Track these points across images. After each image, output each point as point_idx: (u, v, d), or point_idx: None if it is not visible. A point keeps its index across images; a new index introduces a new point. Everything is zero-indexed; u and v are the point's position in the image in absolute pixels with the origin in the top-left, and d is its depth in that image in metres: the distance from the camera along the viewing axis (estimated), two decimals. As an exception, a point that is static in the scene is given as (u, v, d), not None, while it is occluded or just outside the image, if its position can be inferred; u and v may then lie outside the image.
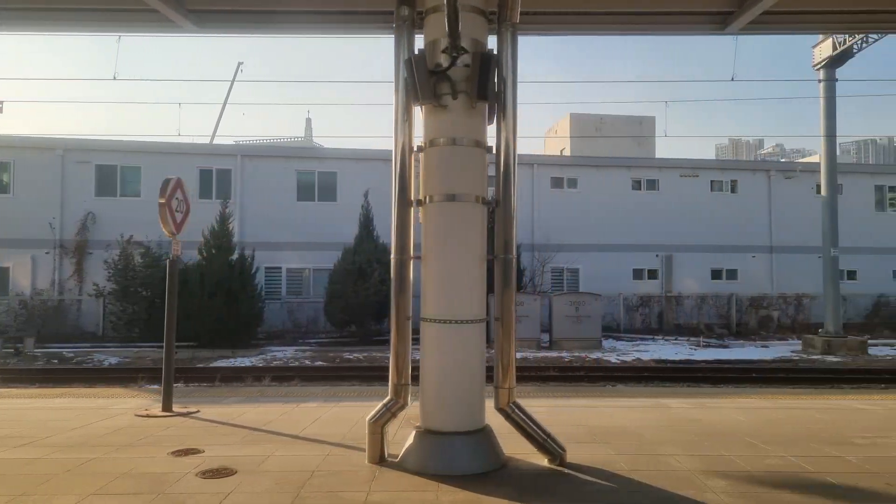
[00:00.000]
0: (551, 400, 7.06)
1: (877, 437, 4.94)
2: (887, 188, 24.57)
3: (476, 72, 3.87)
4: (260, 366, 14.61)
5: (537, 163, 22.72)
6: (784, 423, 5.55)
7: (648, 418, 5.74)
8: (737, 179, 23.75)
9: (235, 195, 20.72)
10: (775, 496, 3.53)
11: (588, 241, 22.43)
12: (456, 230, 4.09)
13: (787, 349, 18.55)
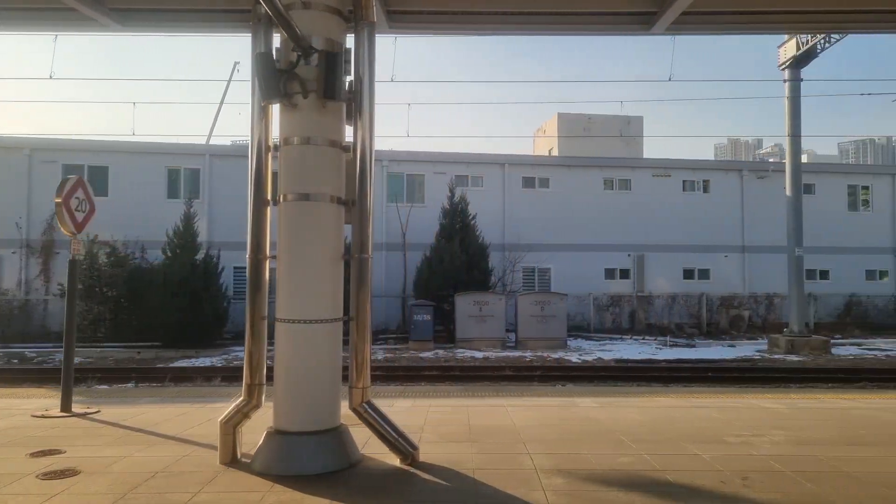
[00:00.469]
0: (463, 400, 7.04)
1: (753, 436, 4.93)
2: (860, 188, 24.62)
3: (323, 71, 3.85)
4: (218, 366, 14.57)
5: (508, 162, 22.70)
6: (675, 421, 5.54)
7: (542, 417, 5.73)
8: (709, 179, 23.76)
9: (204, 195, 20.67)
10: (601, 494, 3.52)
11: (560, 240, 22.42)
12: (309, 230, 4.08)
13: (752, 349, 18.58)
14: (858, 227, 24.14)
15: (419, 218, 21.06)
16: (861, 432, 5.15)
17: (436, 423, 5.48)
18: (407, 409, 6.40)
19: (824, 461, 4.21)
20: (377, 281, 20.89)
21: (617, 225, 22.83)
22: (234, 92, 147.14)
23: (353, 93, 4.18)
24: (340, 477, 3.83)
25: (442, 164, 22.24)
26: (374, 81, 4.27)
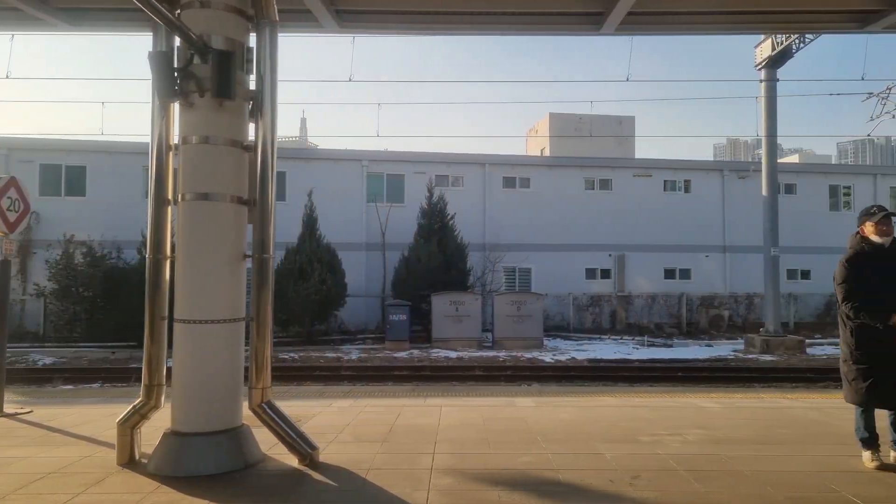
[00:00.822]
0: (405, 400, 7.02)
1: (669, 435, 4.93)
2: (841, 188, 24.66)
3: (216, 70, 3.85)
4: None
5: (489, 162, 22.70)
6: (601, 421, 5.53)
7: (472, 417, 5.72)
8: (690, 179, 23.78)
9: (182, 194, 20.62)
10: (481, 494, 3.51)
11: (540, 240, 22.42)
12: (207, 229, 4.07)
13: (729, 348, 18.60)
14: (840, 228, 24.09)
15: (399, 218, 21.06)
16: (781, 431, 5.16)
17: (361, 423, 5.47)
18: (343, 408, 6.40)
19: (725, 460, 4.21)
20: (357, 281, 20.87)
21: (598, 225, 22.84)
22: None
23: (254, 92, 4.18)
24: (232, 478, 3.82)
25: (422, 163, 22.24)
26: (277, 80, 4.26)
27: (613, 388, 10.77)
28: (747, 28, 8.25)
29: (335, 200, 21.15)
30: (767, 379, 12.83)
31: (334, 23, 7.11)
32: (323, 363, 15.34)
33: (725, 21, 7.71)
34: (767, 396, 7.49)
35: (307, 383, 12.43)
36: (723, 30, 8.21)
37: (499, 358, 16.30)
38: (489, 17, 7.41)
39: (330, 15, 6.84)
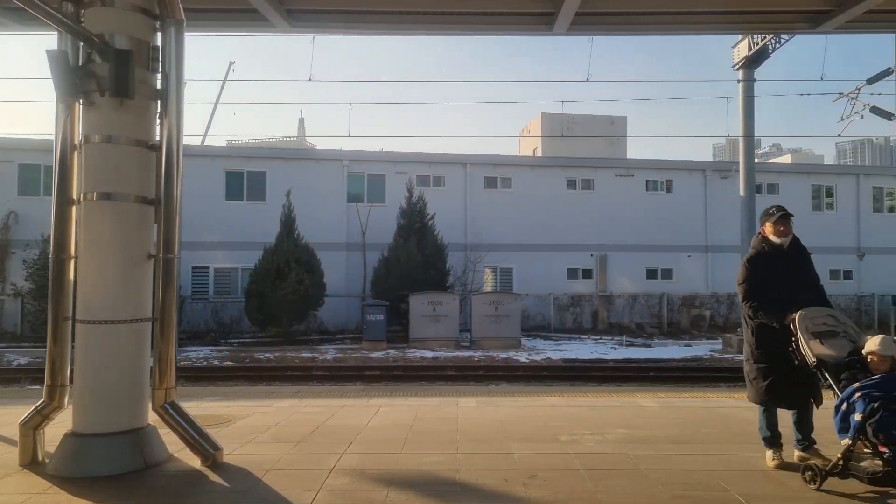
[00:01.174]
0: (350, 400, 7.01)
1: (590, 435, 4.92)
2: (824, 188, 24.68)
3: (113, 69, 3.83)
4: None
5: (470, 162, 22.69)
6: (530, 420, 5.53)
7: (404, 417, 5.71)
8: (672, 179, 23.79)
9: (162, 195, 20.59)
10: (372, 494, 3.50)
11: (522, 240, 22.41)
12: (110, 229, 4.05)
13: (707, 348, 18.62)
14: (822, 228, 24.13)
15: (380, 218, 21.03)
16: (705, 430, 5.15)
17: (289, 424, 5.46)
18: (282, 408, 6.38)
19: (631, 459, 4.20)
20: (337, 281, 20.86)
21: (580, 225, 22.84)
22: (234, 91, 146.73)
23: (161, 91, 4.17)
24: (130, 478, 3.80)
25: (403, 163, 22.23)
26: (183, 79, 4.25)
27: (580, 387, 10.76)
28: (698, 28, 8.24)
29: (316, 200, 21.14)
30: (736, 379, 12.80)
31: (285, 23, 7.11)
32: (297, 363, 15.33)
33: (674, 22, 7.71)
34: (714, 396, 7.49)
35: (275, 383, 12.43)
36: (672, 30, 8.21)
37: (474, 358, 16.30)
38: (442, 16, 7.41)
39: (279, 14, 6.83)
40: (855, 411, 3.35)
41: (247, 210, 20.94)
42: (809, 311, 3.83)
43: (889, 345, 3.48)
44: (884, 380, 3.38)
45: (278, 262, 18.12)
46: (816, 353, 3.67)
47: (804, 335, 3.73)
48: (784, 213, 4.18)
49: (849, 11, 7.00)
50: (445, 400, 6.90)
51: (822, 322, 3.81)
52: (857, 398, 3.35)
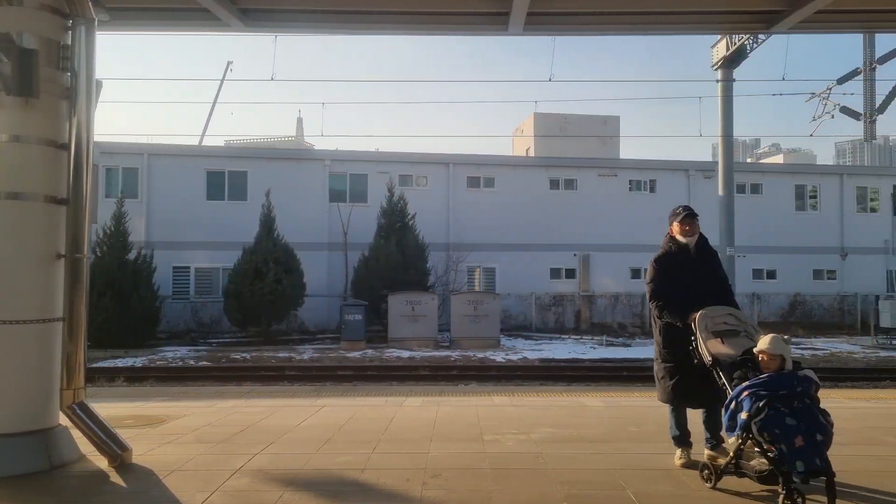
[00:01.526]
0: (297, 400, 7.00)
1: (514, 434, 4.92)
2: (808, 188, 24.71)
3: (16, 68, 3.83)
4: (127, 367, 14.51)
5: (453, 162, 22.70)
6: (463, 419, 5.52)
7: (337, 417, 5.69)
8: (655, 179, 23.81)
9: (142, 194, 20.60)
10: (265, 495, 3.49)
11: (505, 240, 22.40)
12: (17, 229, 4.03)
13: (686, 348, 18.64)
14: (806, 227, 24.21)
15: (362, 217, 21.02)
16: (632, 429, 5.15)
17: (221, 424, 5.45)
18: (224, 408, 6.37)
19: (541, 458, 4.20)
20: (319, 281, 20.85)
21: (563, 225, 22.84)
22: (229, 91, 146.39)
23: (68, 90, 4.16)
24: (30, 479, 3.79)
25: (385, 163, 22.23)
26: (94, 78, 4.24)
27: (550, 387, 10.76)
28: (653, 29, 8.22)
29: (297, 200, 21.13)
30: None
31: (239, 22, 7.09)
32: (273, 363, 15.32)
33: (629, 22, 7.69)
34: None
35: (246, 383, 12.40)
36: (627, 30, 8.19)
37: (451, 357, 16.30)
38: (399, 16, 7.39)
39: (233, 14, 6.82)
40: (742, 410, 3.34)
41: (228, 210, 20.92)
42: (710, 310, 3.83)
43: (778, 344, 3.48)
44: (771, 378, 3.38)
45: (257, 262, 18.11)
46: (713, 352, 3.67)
47: (703, 334, 3.73)
48: (689, 212, 4.19)
49: (800, 11, 6.99)
50: (392, 400, 6.89)
51: (723, 321, 3.81)
52: (745, 396, 3.35)
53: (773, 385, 3.34)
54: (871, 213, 24.88)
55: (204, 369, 14.24)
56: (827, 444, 3.24)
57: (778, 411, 3.25)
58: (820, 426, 3.24)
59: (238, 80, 53.64)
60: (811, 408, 3.31)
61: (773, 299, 23.12)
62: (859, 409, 6.37)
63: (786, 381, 3.37)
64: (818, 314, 23.21)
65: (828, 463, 3.20)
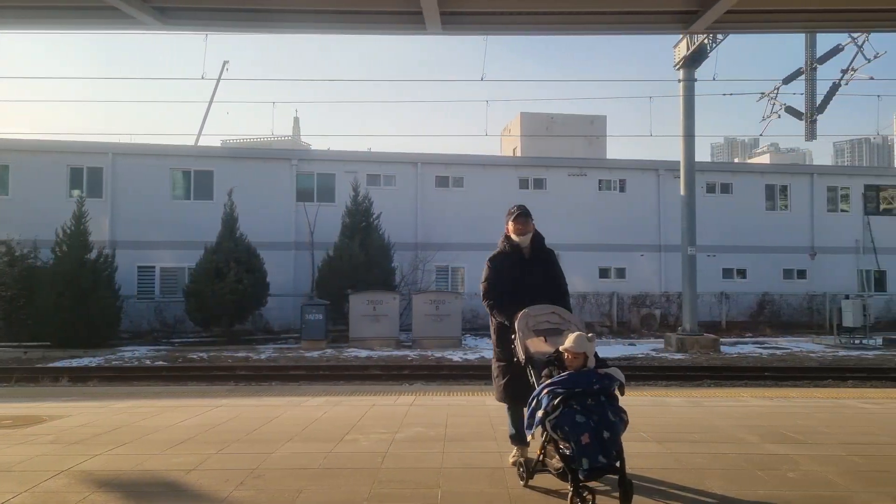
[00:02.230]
0: (200, 399, 6.98)
1: (381, 433, 4.89)
2: (778, 188, 24.73)
3: None
4: (77, 366, 14.48)
5: (421, 161, 22.67)
6: (343, 419, 5.50)
7: (221, 417, 5.68)
8: (625, 179, 23.81)
9: (107, 193, 20.54)
10: (71, 496, 3.48)
11: (474, 240, 22.32)
12: None
13: (649, 347, 18.63)
14: (777, 227, 24.24)
15: (330, 217, 20.98)
16: (503, 429, 5.10)
17: (95, 424, 5.42)
18: (119, 408, 6.36)
19: (380, 458, 4.18)
20: (285, 280, 20.85)
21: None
22: (226, 91, 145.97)
23: None
24: None
25: (353, 163, 22.20)
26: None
27: (488, 387, 10.73)
28: (572, 29, 8.15)
29: (264, 200, 21.10)
30: (650, 377, 12.85)
31: (155, 21, 7.05)
32: (229, 363, 15.28)
33: (548, 22, 7.65)
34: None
35: (191, 383, 12.36)
36: (547, 31, 8.12)
37: (408, 357, 16.28)
38: (318, 14, 7.38)
39: (145, 12, 6.79)
40: (540, 407, 3.34)
41: (194, 209, 20.87)
42: (532, 309, 3.82)
43: (582, 342, 3.47)
44: (571, 376, 3.37)
45: (218, 261, 18.07)
46: (532, 351, 3.66)
47: (522, 332, 3.73)
48: (523, 212, 4.18)
49: (711, 11, 6.98)
50: (294, 400, 6.88)
51: (545, 320, 3.81)
52: (544, 394, 3.34)
53: (571, 383, 3.33)
54: (841, 212, 24.93)
55: (154, 369, 14.21)
56: (615, 442, 3.23)
57: (570, 409, 3.25)
58: (609, 424, 3.24)
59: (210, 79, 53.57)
60: (604, 405, 3.30)
61: (742, 298, 23.14)
62: (752, 407, 6.37)
63: (584, 378, 3.37)
64: (787, 314, 23.23)
65: (617, 459, 3.20)
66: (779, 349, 17.92)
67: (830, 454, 4.30)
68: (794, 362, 15.23)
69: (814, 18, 7.72)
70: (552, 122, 40.66)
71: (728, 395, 7.56)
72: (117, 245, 20.11)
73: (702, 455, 4.27)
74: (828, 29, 9.79)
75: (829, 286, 23.52)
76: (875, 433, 5.03)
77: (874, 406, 6.47)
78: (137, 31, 7.83)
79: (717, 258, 23.87)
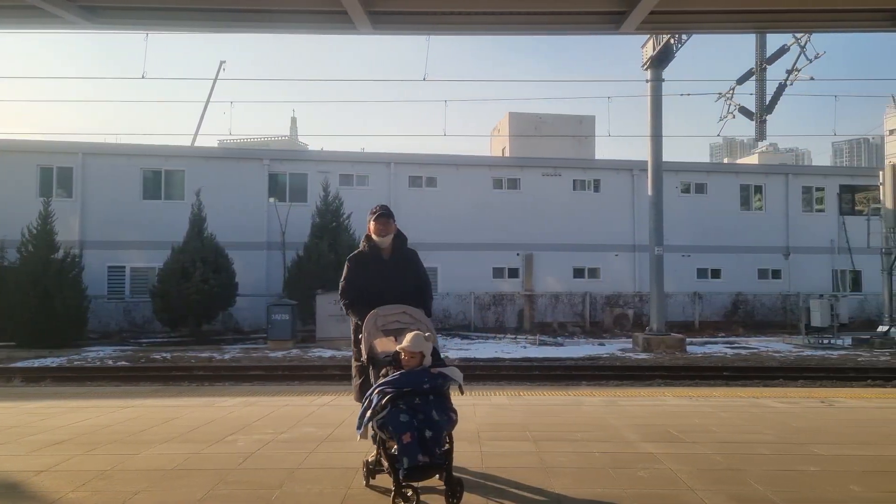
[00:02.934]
0: (117, 401, 6.95)
1: (268, 434, 4.88)
2: (752, 188, 24.76)
3: None
4: (35, 367, 14.44)
5: (394, 161, 22.66)
6: (244, 420, 5.48)
7: (123, 417, 5.65)
8: (600, 179, 23.83)
9: (77, 193, 20.49)
10: None
11: (448, 240, 22.38)
12: None
13: (617, 347, 18.65)
14: (751, 227, 24.28)
15: (302, 217, 20.94)
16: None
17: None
18: (26, 409, 6.33)
19: (245, 458, 4.16)
20: (257, 280, 20.82)
21: (506, 224, 22.84)
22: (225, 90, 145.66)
23: None
24: None
25: (326, 163, 22.19)
26: None
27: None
28: (502, 29, 8.12)
29: (236, 200, 21.08)
30: (607, 377, 12.82)
31: (83, 20, 7.03)
32: (194, 363, 15.24)
33: (478, 22, 7.62)
34: (499, 393, 7.46)
35: (142, 384, 12.33)
36: (474, 31, 8.11)
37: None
38: (245, 14, 7.37)
39: (70, 12, 6.77)
40: (370, 407, 3.33)
41: (164, 209, 20.83)
42: (382, 309, 3.81)
43: (418, 341, 3.46)
44: (402, 375, 3.36)
45: (184, 261, 18.04)
46: (379, 350, 3.65)
47: (370, 332, 3.71)
48: (384, 212, 4.15)
49: (636, 11, 6.99)
50: (210, 400, 6.86)
51: (396, 319, 3.79)
52: (375, 394, 3.33)
53: (401, 382, 3.32)
54: (817, 212, 24.97)
55: (111, 370, 14.17)
56: (438, 441, 3.22)
57: (397, 408, 3.24)
58: (432, 423, 3.22)
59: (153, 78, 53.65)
60: (432, 405, 3.29)
61: (716, 299, 23.16)
62: (664, 406, 6.35)
63: (414, 378, 3.35)
64: (761, 314, 23.26)
65: (442, 459, 3.20)
66: (746, 349, 17.94)
67: (696, 453, 4.29)
68: (755, 362, 15.24)
69: (737, 19, 7.71)
70: (541, 122, 40.62)
71: (651, 394, 7.56)
72: (88, 245, 20.08)
73: (568, 454, 4.25)
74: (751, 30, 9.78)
75: (804, 286, 23.54)
76: (763, 432, 5.02)
77: (787, 405, 6.46)
78: (65, 30, 7.82)
79: (691, 258, 23.91)
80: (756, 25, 8.47)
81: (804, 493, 3.48)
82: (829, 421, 5.52)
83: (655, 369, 13.67)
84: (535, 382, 11.93)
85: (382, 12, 7.13)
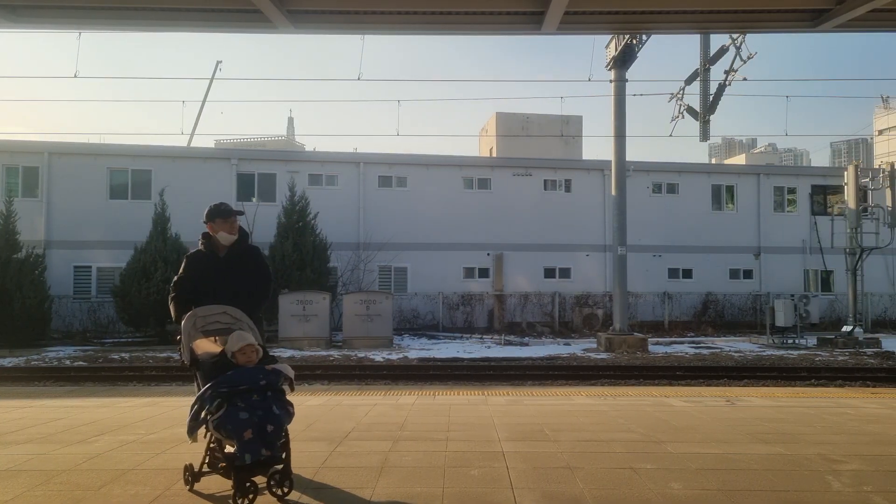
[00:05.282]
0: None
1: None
2: (724, 188, 24.80)
3: None
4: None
5: (364, 161, 22.64)
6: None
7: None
8: (571, 178, 23.84)
9: (43, 193, 20.42)
10: None
11: (417, 239, 22.38)
12: None
13: (582, 347, 18.65)
14: (723, 227, 24.32)
15: (271, 217, 20.90)
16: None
17: None
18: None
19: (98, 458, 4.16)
20: (225, 280, 20.75)
21: (476, 224, 22.83)
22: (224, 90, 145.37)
23: None
24: None
25: (294, 162, 22.15)
26: None
27: (370, 387, 10.71)
28: (420, 29, 8.15)
29: (203, 199, 20.79)
30: (558, 377, 12.79)
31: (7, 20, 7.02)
32: (151, 363, 15.20)
33: (399, 21, 7.63)
34: (438, 393, 7.43)
35: (88, 384, 12.29)
36: (394, 30, 8.12)
37: (330, 358, 16.21)
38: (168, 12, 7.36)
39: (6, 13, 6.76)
40: (203, 407, 3.32)
41: (131, 209, 20.76)
42: (201, 309, 3.78)
43: (239, 337, 3.47)
44: (236, 373, 3.36)
45: (145, 261, 17.99)
46: (200, 352, 3.63)
47: (189, 334, 3.68)
48: (222, 209, 4.14)
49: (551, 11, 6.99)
50: (115, 400, 6.84)
51: (216, 320, 3.76)
52: (209, 395, 3.32)
53: (235, 381, 3.32)
54: (788, 212, 25.02)
55: (63, 370, 14.08)
56: (279, 434, 3.29)
57: (235, 407, 3.24)
58: (273, 417, 3.26)
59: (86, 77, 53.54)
60: (270, 400, 3.32)
61: (686, 298, 23.19)
62: (565, 405, 6.36)
63: (248, 375, 3.36)
64: (731, 314, 23.31)
65: (282, 451, 3.30)
66: (709, 349, 17.96)
67: (546, 451, 4.28)
68: (712, 362, 15.24)
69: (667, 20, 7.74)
70: (528, 122, 40.61)
71: (565, 393, 7.55)
72: (54, 245, 20.03)
73: (417, 454, 4.24)
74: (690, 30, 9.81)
75: (775, 286, 23.60)
76: (634, 430, 5.02)
77: (688, 404, 6.47)
78: None
79: (663, 258, 23.94)
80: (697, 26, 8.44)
81: (621, 491, 3.48)
82: (708, 419, 5.52)
83: (607, 369, 13.67)
84: (484, 382, 11.89)
85: (301, 11, 7.14)
